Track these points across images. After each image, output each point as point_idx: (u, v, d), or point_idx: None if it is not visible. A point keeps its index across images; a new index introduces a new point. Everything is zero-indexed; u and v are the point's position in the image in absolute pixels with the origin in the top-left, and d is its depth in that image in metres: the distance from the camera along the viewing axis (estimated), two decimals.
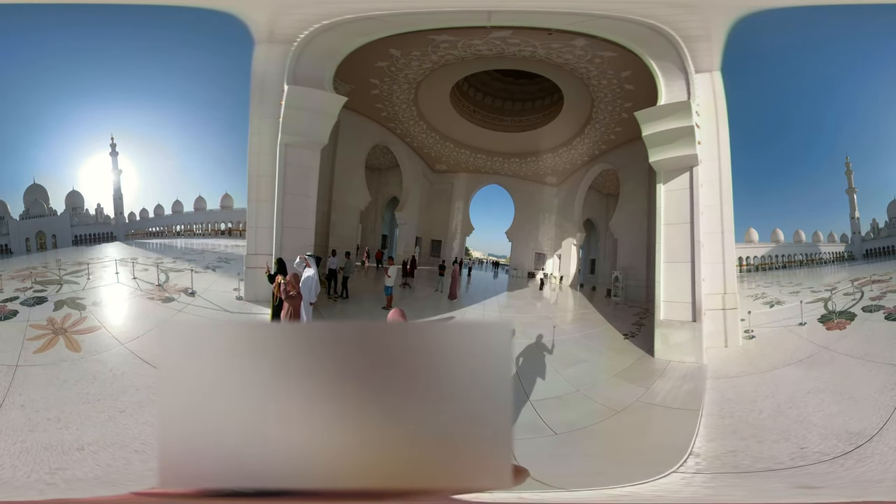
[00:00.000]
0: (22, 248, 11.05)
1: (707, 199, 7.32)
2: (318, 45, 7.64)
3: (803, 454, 3.85)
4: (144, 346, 5.68)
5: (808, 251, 11.98)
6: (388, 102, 13.22)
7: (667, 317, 7.13)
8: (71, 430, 4.00)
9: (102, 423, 4.12)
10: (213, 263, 11.24)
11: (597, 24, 7.20)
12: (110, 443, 3.83)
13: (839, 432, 4.05)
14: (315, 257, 7.53)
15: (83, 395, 4.59)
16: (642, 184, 13.20)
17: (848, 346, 6.04)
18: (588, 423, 4.84)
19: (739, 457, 3.95)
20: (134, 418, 4.22)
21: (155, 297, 8.10)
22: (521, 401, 5.17)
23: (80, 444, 3.78)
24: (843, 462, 3.67)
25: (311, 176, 8.23)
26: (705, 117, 7.32)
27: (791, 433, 4.22)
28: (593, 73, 10.38)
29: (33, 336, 5.87)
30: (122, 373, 5.11)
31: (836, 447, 3.85)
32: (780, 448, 4.01)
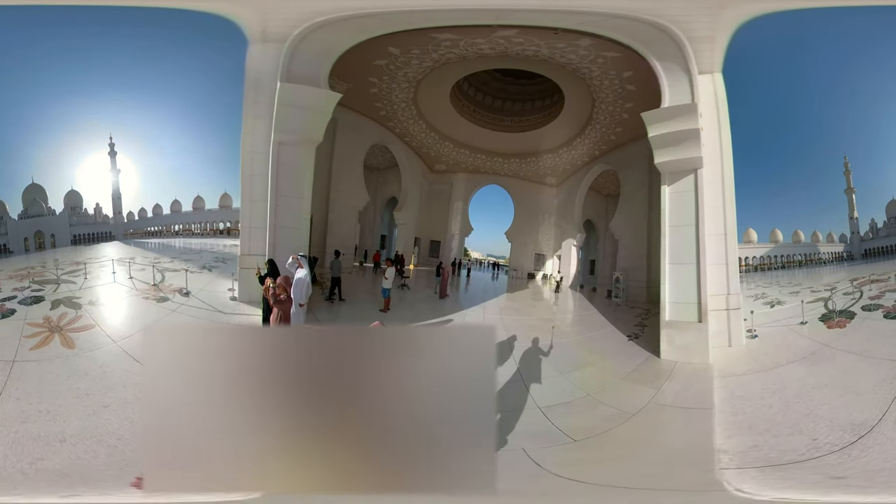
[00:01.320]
0: (20, 248, 10.84)
1: (709, 200, 7.39)
2: (314, 42, 7.53)
3: (817, 445, 4.02)
4: (135, 345, 5.84)
5: (807, 251, 12.16)
6: (386, 101, 13.14)
7: (672, 318, 7.16)
8: (58, 422, 4.22)
9: (87, 416, 4.31)
10: (210, 263, 11.11)
11: (604, 23, 7.22)
12: (89, 436, 4.03)
13: (844, 424, 4.25)
14: (309, 258, 7.38)
15: (73, 389, 4.78)
16: (642, 184, 13.31)
17: (848, 344, 6.20)
18: (605, 429, 4.83)
19: (765, 450, 4.08)
20: (116, 414, 4.41)
21: (150, 296, 8.05)
22: (531, 408, 5.17)
23: (63, 437, 4.00)
24: (849, 452, 3.88)
25: (305, 175, 8.10)
26: (707, 119, 7.39)
27: (802, 426, 4.39)
28: (595, 73, 10.43)
29: (30, 333, 5.99)
30: (112, 370, 5.26)
31: (843, 438, 4.05)
32: (796, 441, 4.16)
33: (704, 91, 7.36)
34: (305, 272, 6.84)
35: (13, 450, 3.83)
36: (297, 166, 7.97)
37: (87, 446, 3.87)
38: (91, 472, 3.59)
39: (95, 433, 4.05)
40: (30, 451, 3.83)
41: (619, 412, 5.22)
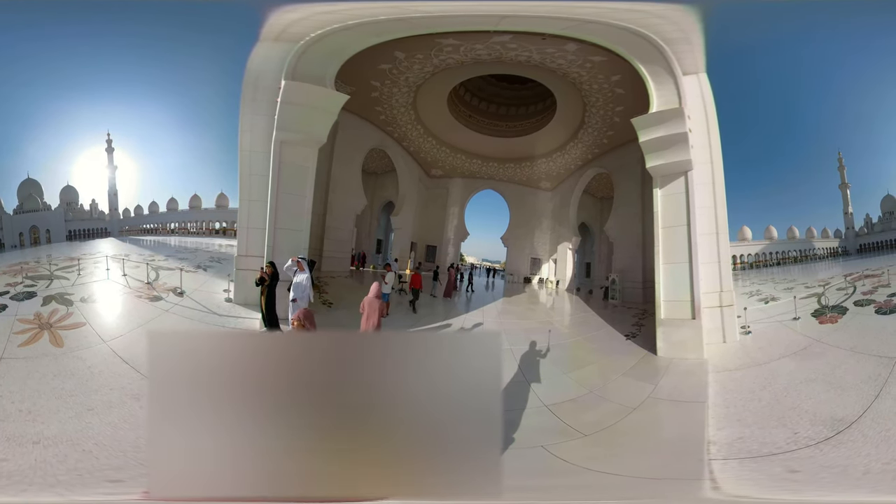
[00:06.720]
0: (15, 243, 10.80)
1: (701, 200, 7.51)
2: (327, 43, 7.55)
3: (796, 439, 4.11)
4: (125, 346, 5.70)
5: (801, 247, 12.26)
6: (387, 105, 13.33)
7: (667, 316, 7.25)
8: (37, 423, 4.06)
9: (68, 419, 4.16)
10: (205, 263, 11.07)
11: (586, 28, 7.40)
12: (66, 439, 3.86)
13: (825, 419, 4.33)
14: (309, 261, 7.27)
15: (58, 390, 4.64)
16: (636, 187, 13.47)
17: (839, 339, 6.27)
18: (612, 422, 4.93)
19: (748, 442, 4.16)
20: (100, 417, 4.22)
21: (143, 295, 7.91)
22: (538, 407, 5.23)
23: (38, 438, 3.83)
24: (822, 447, 3.95)
25: (308, 175, 7.92)
26: (696, 120, 7.54)
27: (787, 419, 4.47)
28: (584, 77, 10.65)
29: (20, 330, 5.89)
30: (100, 371, 5.12)
31: (822, 432, 4.13)
32: (777, 434, 4.25)
33: (691, 92, 7.51)
34: (306, 275, 6.78)
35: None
36: (299, 167, 7.82)
37: (59, 450, 3.70)
38: (47, 477, 3.40)
39: (73, 437, 3.88)
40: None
41: (621, 407, 5.31)
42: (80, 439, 3.87)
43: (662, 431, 4.99)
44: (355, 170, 14.20)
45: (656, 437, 4.83)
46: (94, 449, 3.76)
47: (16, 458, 3.60)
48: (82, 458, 3.62)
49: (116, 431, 3.99)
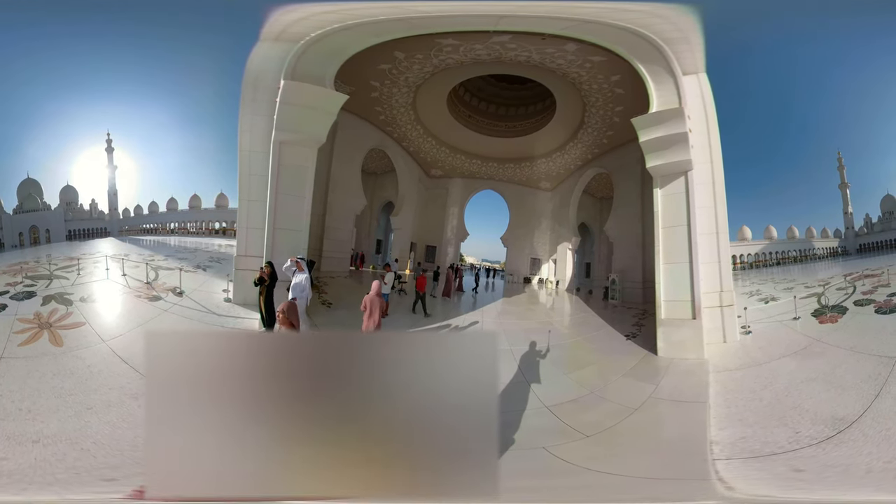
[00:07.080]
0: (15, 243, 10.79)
1: (701, 200, 7.51)
2: (326, 43, 7.56)
3: (798, 438, 4.12)
4: (124, 345, 5.72)
5: (801, 247, 12.27)
6: (386, 105, 13.33)
7: (668, 316, 7.24)
8: (37, 422, 4.09)
9: (67, 418, 4.19)
10: (205, 263, 11.07)
11: (586, 28, 7.41)
12: (65, 438, 3.89)
13: (826, 418, 4.34)
14: (308, 261, 7.24)
15: (57, 389, 4.67)
16: (635, 187, 13.47)
17: (839, 339, 6.29)
18: (612, 423, 4.92)
19: (751, 442, 4.17)
20: (98, 416, 4.25)
21: (142, 295, 7.92)
22: (538, 408, 5.21)
23: (38, 437, 3.86)
24: (824, 446, 3.96)
25: (307, 176, 7.92)
26: (696, 120, 7.54)
27: (788, 419, 4.49)
28: (584, 77, 10.66)
29: (20, 329, 5.90)
30: (99, 370, 5.14)
31: (823, 432, 4.14)
32: (779, 433, 4.26)
33: (691, 92, 7.51)
34: (305, 275, 6.76)
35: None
36: (298, 167, 7.81)
37: (58, 448, 3.73)
38: (46, 475, 3.43)
39: (72, 435, 3.91)
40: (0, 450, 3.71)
41: (622, 407, 5.30)
42: (78, 438, 3.90)
43: (663, 432, 4.99)
44: (355, 170, 14.20)
45: (657, 438, 4.83)
46: (92, 448, 3.78)
47: (16, 456, 3.62)
48: (80, 457, 3.64)
49: (115, 430, 4.01)
